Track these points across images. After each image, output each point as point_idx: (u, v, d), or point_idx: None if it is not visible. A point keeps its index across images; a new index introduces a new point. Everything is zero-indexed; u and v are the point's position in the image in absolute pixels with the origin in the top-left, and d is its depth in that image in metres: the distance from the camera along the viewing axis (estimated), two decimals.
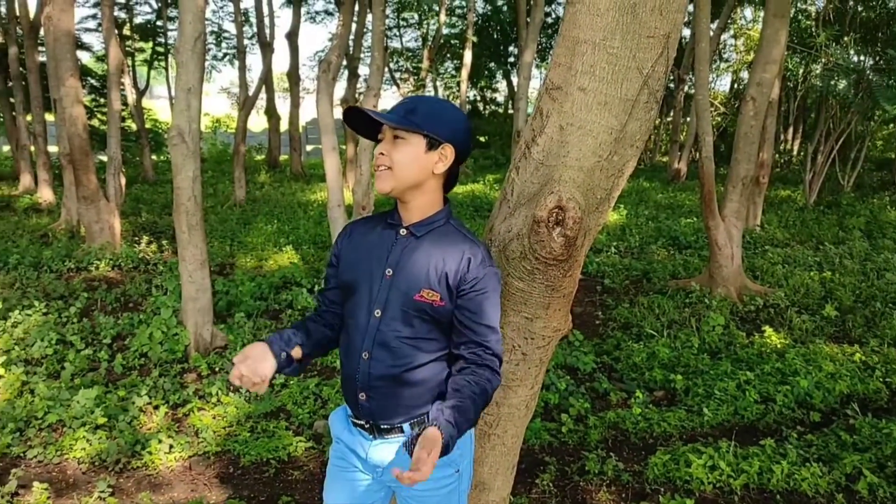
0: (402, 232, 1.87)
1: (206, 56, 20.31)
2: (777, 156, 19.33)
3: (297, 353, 1.88)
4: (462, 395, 1.73)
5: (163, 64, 18.79)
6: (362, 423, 1.90)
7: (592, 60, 1.84)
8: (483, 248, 1.85)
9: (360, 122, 1.83)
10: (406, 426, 1.87)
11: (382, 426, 1.88)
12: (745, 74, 23.11)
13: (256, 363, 1.75)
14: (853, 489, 3.55)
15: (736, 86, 23.40)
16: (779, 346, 5.63)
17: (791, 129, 20.26)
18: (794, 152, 20.79)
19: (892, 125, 17.81)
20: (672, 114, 18.45)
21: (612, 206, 2.05)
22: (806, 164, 13.22)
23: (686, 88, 17.85)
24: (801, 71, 12.74)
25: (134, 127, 16.72)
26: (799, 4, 13.98)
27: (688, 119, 17.88)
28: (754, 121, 6.87)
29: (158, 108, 24.50)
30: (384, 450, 1.90)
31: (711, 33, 15.33)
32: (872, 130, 14.94)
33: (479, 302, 1.80)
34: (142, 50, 18.56)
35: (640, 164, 22.06)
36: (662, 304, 6.81)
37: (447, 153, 1.83)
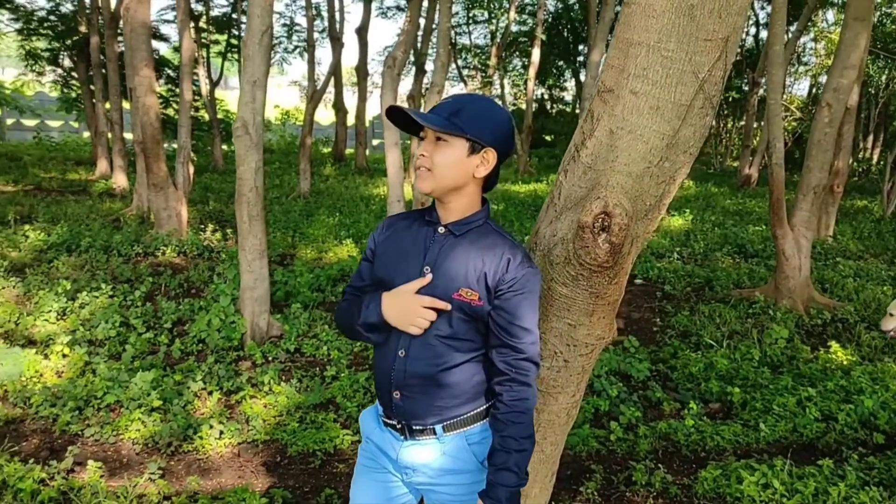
0: (441, 230, 1.85)
1: (277, 49, 20.76)
2: (855, 164, 18.64)
3: None
4: (508, 450, 1.78)
5: (237, 56, 19.20)
6: (394, 422, 1.89)
7: (646, 63, 1.78)
8: (522, 250, 1.82)
9: (403, 119, 1.81)
10: (438, 428, 1.85)
11: (415, 427, 1.86)
12: (824, 79, 22.34)
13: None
14: None
15: (815, 90, 22.64)
16: (845, 362, 5.41)
17: (871, 137, 19.48)
18: (874, 161, 19.99)
19: None
20: (745, 118, 17.95)
21: (663, 213, 1.99)
22: (885, 173, 12.69)
23: (760, 92, 17.34)
24: (882, 76, 12.22)
25: (206, 117, 17.15)
26: (883, 8, 13.43)
27: (761, 123, 17.37)
28: (829, 128, 6.62)
29: (231, 98, 25.05)
30: (415, 451, 1.88)
31: (789, 36, 14.87)
32: None
33: (516, 303, 1.77)
34: (217, 42, 19.00)
35: (710, 168, 21.59)
36: (724, 313, 6.62)
37: (489, 157, 1.81)
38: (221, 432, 4.07)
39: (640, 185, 1.86)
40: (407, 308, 1.79)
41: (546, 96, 26.83)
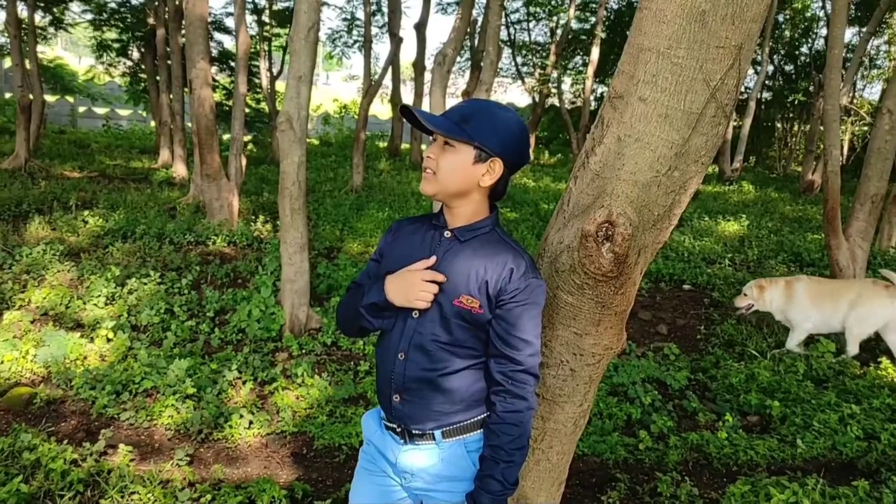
0: (447, 234, 1.84)
1: (337, 43, 20.91)
2: None
3: None
4: (497, 459, 1.79)
5: None
6: (394, 426, 1.89)
7: (655, 70, 1.74)
8: (527, 259, 1.79)
9: (414, 117, 1.80)
10: (438, 433, 1.85)
11: (414, 431, 1.86)
12: None
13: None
14: None
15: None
16: (894, 380, 5.20)
17: None
18: None
19: None
20: (810, 122, 17.41)
21: (675, 224, 1.94)
22: None
23: None
24: None
25: (267, 109, 17.44)
26: None
27: None
28: (889, 135, 6.37)
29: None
30: (414, 456, 1.88)
31: (858, 38, 14.35)
32: None
33: (517, 314, 1.75)
34: (279, 35, 19.29)
35: (772, 172, 21.02)
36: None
37: (495, 167, 1.79)
38: (251, 422, 4.14)
39: (647, 194, 1.82)
40: (408, 282, 1.78)
41: (604, 94, 26.51)
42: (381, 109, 28.82)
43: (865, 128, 18.96)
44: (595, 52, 17.22)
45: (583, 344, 2.04)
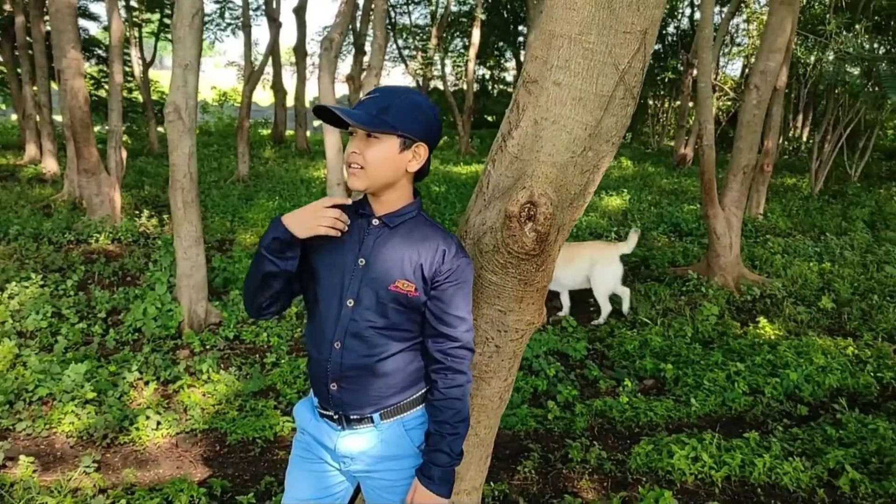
0: (375, 222, 1.86)
1: (210, 27, 20.24)
2: (785, 143, 19.19)
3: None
4: (443, 434, 1.85)
5: (170, 35, 18.72)
6: (330, 413, 1.91)
7: (568, 55, 1.82)
8: (455, 240, 1.85)
9: (330, 114, 1.80)
10: (376, 416, 1.88)
11: (352, 416, 1.88)
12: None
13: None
14: (835, 485, 3.55)
15: (747, 71, 23.13)
16: (772, 337, 5.62)
17: (800, 117, 20.06)
18: (803, 140, 20.61)
19: None
20: (680, 98, 18.29)
21: (588, 201, 2.04)
22: (813, 152, 13.12)
23: (694, 72, 17.66)
24: (811, 58, 12.59)
25: (140, 98, 16.71)
26: None
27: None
28: (757, 109, 6.81)
29: (167, 79, 24.40)
30: (353, 440, 1.90)
31: (721, 18, 15.18)
32: (882, 120, 14.78)
33: (452, 293, 1.81)
34: (149, 21, 18.47)
35: (647, 148, 21.97)
36: (659, 291, 6.80)
37: (421, 151, 1.82)
38: (158, 423, 4.03)
39: (565, 174, 1.90)
40: (308, 212, 1.77)
41: (487, 77, 26.88)
42: (262, 96, 28.14)
43: (729, 103, 20.08)
44: (476, 35, 17.43)
45: (506, 321, 2.12)
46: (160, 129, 17.49)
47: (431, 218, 1.93)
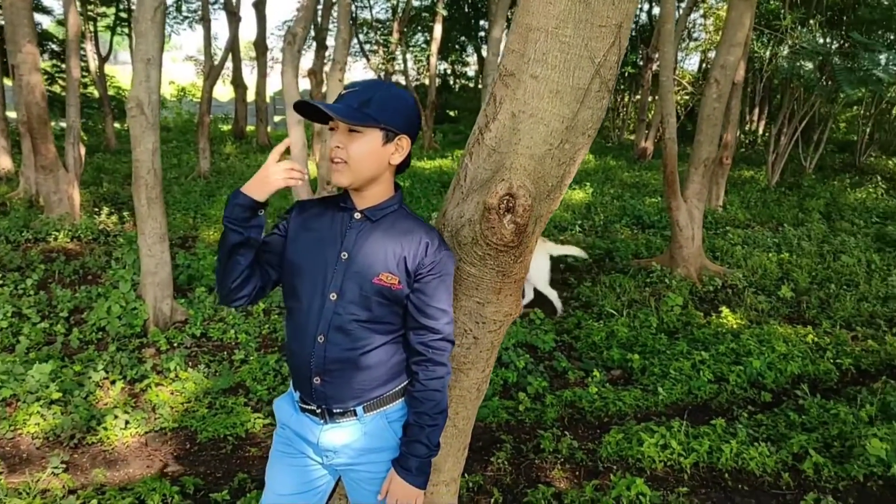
0: (357, 216, 1.86)
1: (166, 20, 19.93)
2: (742, 136, 19.53)
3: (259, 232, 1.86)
4: (421, 425, 1.87)
5: (126, 29, 18.38)
6: (313, 407, 1.90)
7: (545, 48, 1.84)
8: (437, 233, 1.87)
9: (311, 109, 1.78)
10: (359, 409, 1.88)
11: (335, 410, 1.88)
12: (713, 54, 23.25)
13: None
14: (799, 468, 3.65)
15: (704, 65, 23.52)
16: (735, 326, 5.73)
17: (756, 110, 20.45)
18: (760, 133, 21.01)
19: (855, 108, 18.07)
20: (640, 92, 18.50)
21: (564, 193, 2.07)
22: (769, 145, 13.39)
23: (654, 67, 17.89)
24: (766, 53, 12.83)
25: (96, 94, 16.39)
26: None
27: (656, 98, 17.94)
28: (717, 103, 6.93)
29: (122, 74, 23.97)
30: (336, 433, 1.90)
31: (679, 13, 15.38)
32: (835, 113, 15.14)
33: (434, 286, 1.83)
34: (104, 15, 18.12)
35: (608, 142, 22.18)
36: (624, 283, 6.89)
37: (403, 144, 1.83)
38: (127, 422, 3.97)
39: (542, 166, 1.93)
40: (263, 174, 1.77)
41: (449, 72, 26.88)
42: (222, 91, 27.79)
43: (687, 97, 20.38)
44: (438, 30, 17.42)
45: (485, 312, 2.13)
46: (117, 125, 17.19)
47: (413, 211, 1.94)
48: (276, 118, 25.57)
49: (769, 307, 6.33)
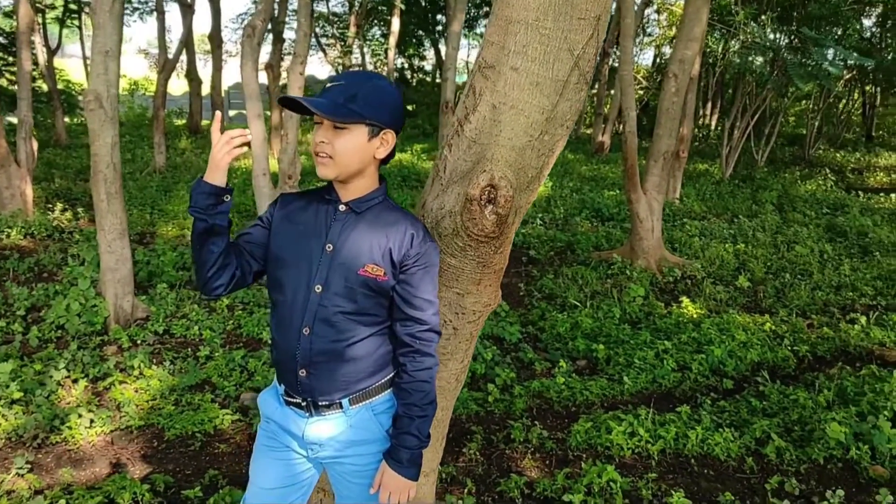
0: (342, 208, 1.86)
1: None
2: (696, 130, 19.87)
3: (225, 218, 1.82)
4: (411, 416, 1.88)
5: (76, 21, 17.94)
6: (298, 400, 1.90)
7: (525, 41, 1.86)
8: (422, 225, 1.88)
9: (296, 103, 1.76)
10: (345, 401, 1.88)
11: (321, 402, 1.88)
12: (666, 49, 23.62)
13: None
14: (762, 453, 3.75)
15: (658, 60, 23.85)
16: (695, 316, 5.85)
17: (710, 105, 20.83)
18: (712, 127, 21.40)
19: (803, 102, 18.53)
20: (597, 86, 18.70)
21: (542, 184, 2.09)
22: (723, 138, 13.66)
23: (610, 62, 18.10)
24: (719, 47, 13.08)
25: (45, 88, 15.96)
26: None
27: (611, 92, 18.16)
28: (676, 97, 7.05)
29: (70, 67, 23.40)
30: (322, 426, 1.90)
31: (636, 8, 15.56)
32: (786, 107, 15.50)
33: (420, 277, 1.83)
34: (53, 6, 17.65)
35: None
36: (586, 275, 6.97)
37: (389, 138, 1.83)
38: (92, 421, 3.90)
39: (523, 158, 1.95)
40: (212, 156, 1.74)
41: (406, 66, 26.81)
42: (175, 85, 27.29)
43: (641, 91, 20.65)
44: (396, 23, 17.35)
45: (464, 303, 2.15)
46: (67, 119, 16.78)
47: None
48: (231, 112, 25.20)
49: (727, 297, 6.48)
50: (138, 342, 5.07)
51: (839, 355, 5.19)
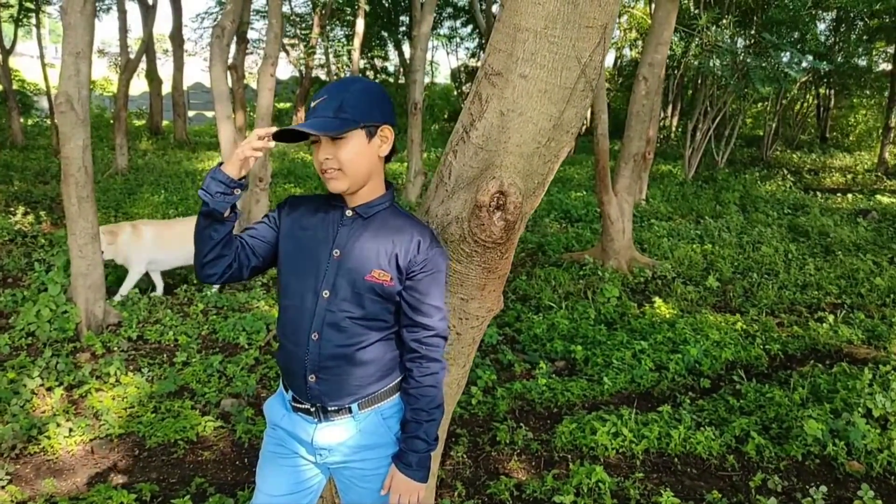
0: (349, 213, 1.86)
1: None
2: (659, 132, 20.17)
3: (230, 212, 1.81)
4: (419, 421, 1.88)
5: (32, 21, 17.53)
6: (307, 406, 1.89)
7: (534, 48, 1.88)
8: (430, 230, 1.88)
9: (289, 134, 1.76)
10: (354, 406, 1.88)
11: (330, 408, 1.88)
12: (626, 51, 23.93)
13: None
14: (742, 451, 3.82)
15: (619, 62, 24.16)
16: (668, 316, 5.94)
17: (671, 107, 21.15)
18: (673, 128, 21.75)
19: (761, 104, 18.92)
20: None
21: (546, 190, 2.11)
22: (686, 140, 13.88)
23: None
24: (680, 51, 13.30)
25: (0, 87, 15.60)
26: None
27: None
28: (646, 100, 7.15)
29: (22, 67, 22.85)
30: (331, 431, 1.90)
31: None
32: (745, 109, 15.81)
33: (427, 283, 1.84)
34: (8, 5, 17.23)
35: None
36: (558, 276, 7.03)
37: (387, 134, 1.84)
38: (70, 430, 3.82)
39: (531, 164, 1.96)
40: (242, 143, 1.75)
41: (369, 67, 26.70)
42: (135, 85, 26.84)
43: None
44: (360, 25, 17.28)
45: (468, 308, 2.16)
46: (22, 119, 16.41)
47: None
48: (191, 113, 24.83)
49: (697, 297, 6.58)
50: (112, 349, 4.98)
51: (810, 354, 5.31)
